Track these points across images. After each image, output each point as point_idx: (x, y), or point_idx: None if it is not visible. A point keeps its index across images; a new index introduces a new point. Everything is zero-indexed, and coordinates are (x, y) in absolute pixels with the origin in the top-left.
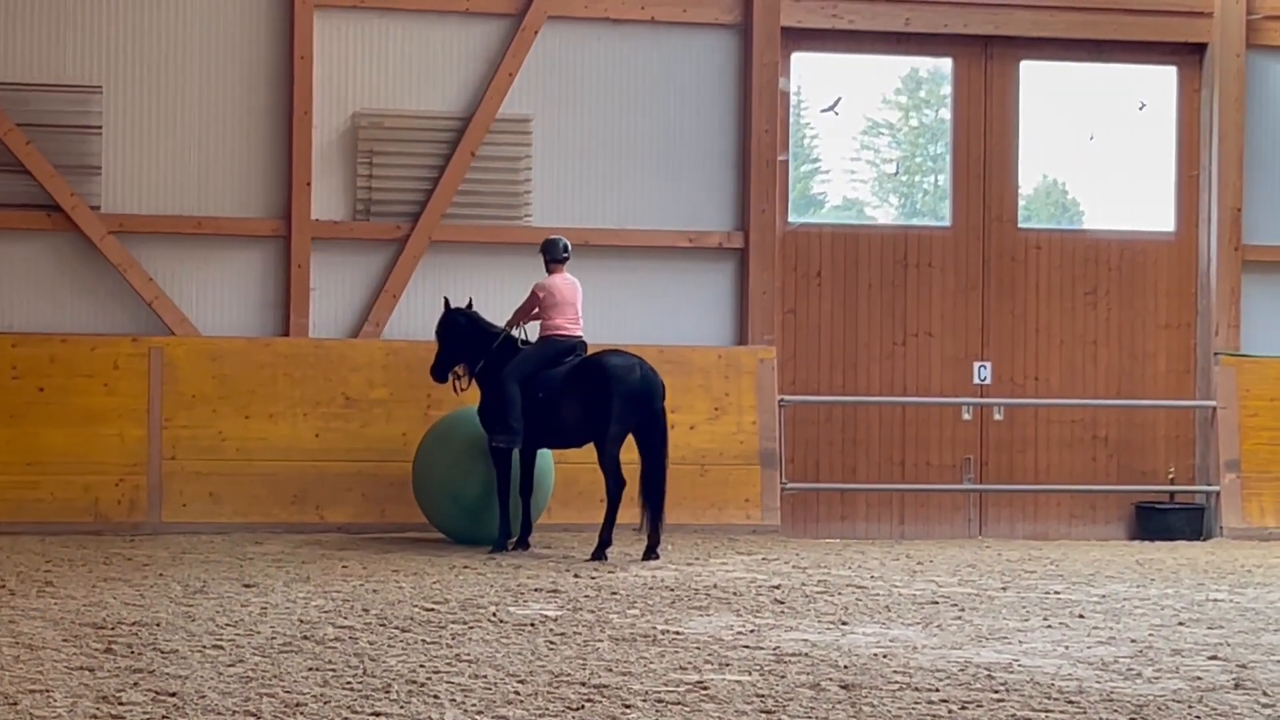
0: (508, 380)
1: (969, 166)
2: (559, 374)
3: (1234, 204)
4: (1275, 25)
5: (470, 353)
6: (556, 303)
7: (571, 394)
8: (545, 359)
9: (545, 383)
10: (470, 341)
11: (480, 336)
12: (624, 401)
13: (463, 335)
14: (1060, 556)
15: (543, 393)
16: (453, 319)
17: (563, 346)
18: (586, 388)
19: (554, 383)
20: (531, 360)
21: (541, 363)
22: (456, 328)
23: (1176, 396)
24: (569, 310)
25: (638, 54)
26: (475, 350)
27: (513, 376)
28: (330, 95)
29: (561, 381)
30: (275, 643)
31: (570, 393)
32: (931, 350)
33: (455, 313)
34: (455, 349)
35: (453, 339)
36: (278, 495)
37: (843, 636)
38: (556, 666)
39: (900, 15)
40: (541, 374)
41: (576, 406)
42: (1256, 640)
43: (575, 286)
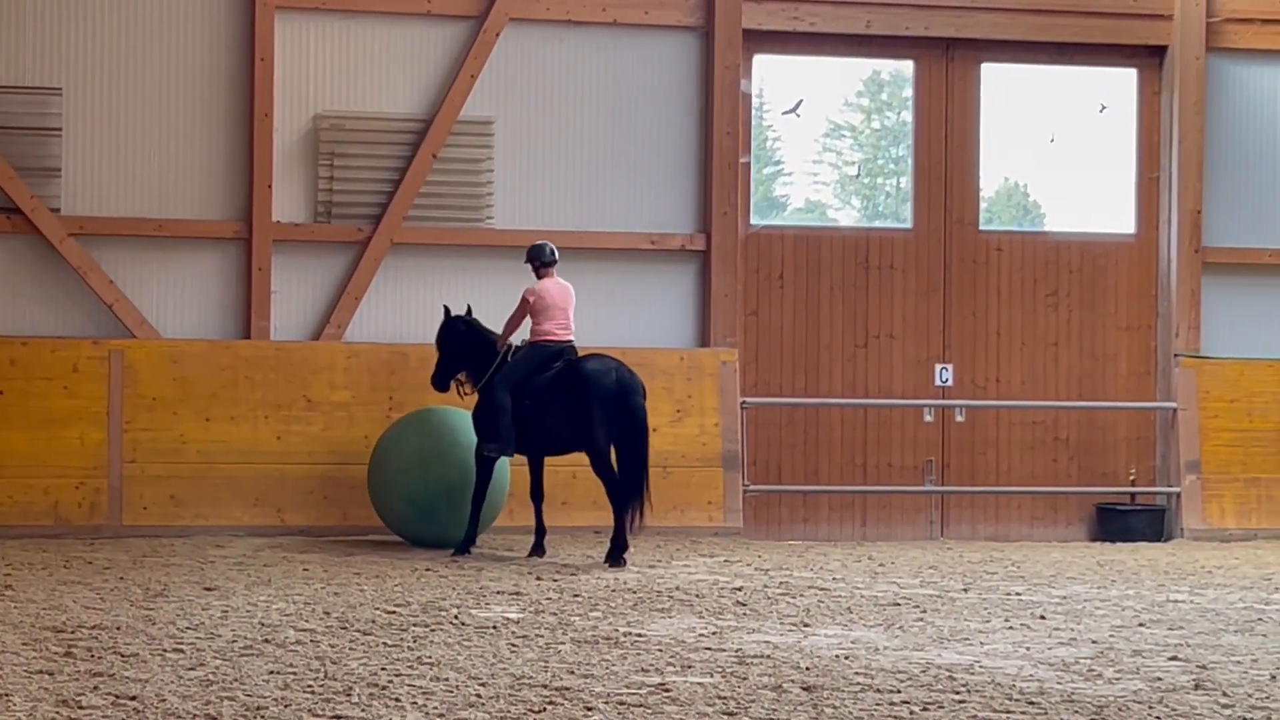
0: (497, 388)
1: (930, 169)
2: (544, 380)
3: (1194, 206)
4: (1235, 28)
5: (470, 361)
6: (546, 307)
7: (555, 401)
8: (533, 365)
9: (532, 390)
10: (470, 349)
11: (480, 344)
12: (602, 406)
13: (462, 343)
14: (1021, 558)
15: (529, 399)
16: (452, 327)
17: (550, 352)
18: (568, 394)
19: (540, 389)
20: (520, 367)
21: (529, 369)
22: (456, 335)
23: (1137, 398)
24: (559, 315)
25: (599, 56)
26: (475, 358)
27: (502, 384)
28: (291, 97)
29: (546, 388)
30: (236, 646)
31: (554, 399)
32: (893, 352)
33: (455, 320)
34: (455, 357)
35: (452, 347)
36: (239, 498)
37: (805, 638)
38: (518, 669)
39: (861, 18)
40: (530, 380)
41: (561, 413)
42: (1217, 641)
43: (567, 291)
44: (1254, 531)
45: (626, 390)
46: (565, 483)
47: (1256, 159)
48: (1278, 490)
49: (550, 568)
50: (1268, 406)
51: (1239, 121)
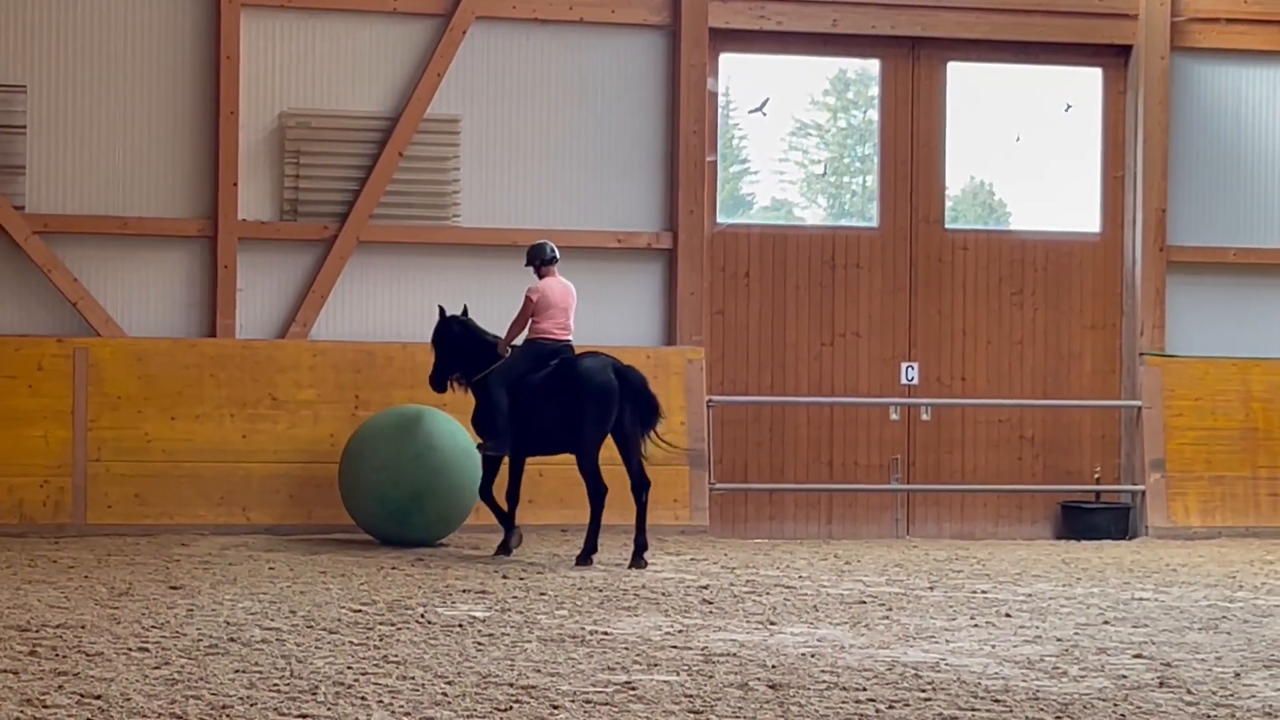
0: (494, 386)
1: (896, 167)
2: (539, 379)
3: (1159, 205)
4: (1199, 28)
5: (465, 362)
6: (547, 306)
7: (549, 399)
8: (530, 363)
9: (528, 388)
10: (465, 350)
11: (476, 346)
12: (596, 405)
13: (456, 344)
14: (987, 556)
15: (524, 398)
16: (446, 328)
17: (547, 350)
18: (562, 392)
19: (534, 388)
20: (516, 365)
21: (526, 367)
22: (450, 336)
23: (1102, 397)
24: (558, 314)
25: (566, 55)
26: (470, 359)
27: (499, 382)
28: (257, 95)
29: (540, 386)
30: (201, 645)
31: (548, 398)
32: (859, 351)
33: (449, 321)
34: (450, 358)
35: (447, 348)
36: (204, 496)
37: (770, 636)
38: (484, 667)
39: (828, 16)
40: (526, 379)
41: (555, 411)
42: (1181, 639)
43: (568, 290)
44: (1218, 529)
45: (630, 384)
46: (532, 481)
47: (1221, 158)
48: (1241, 488)
49: (516, 566)
50: (1231, 405)
51: (1204, 120)
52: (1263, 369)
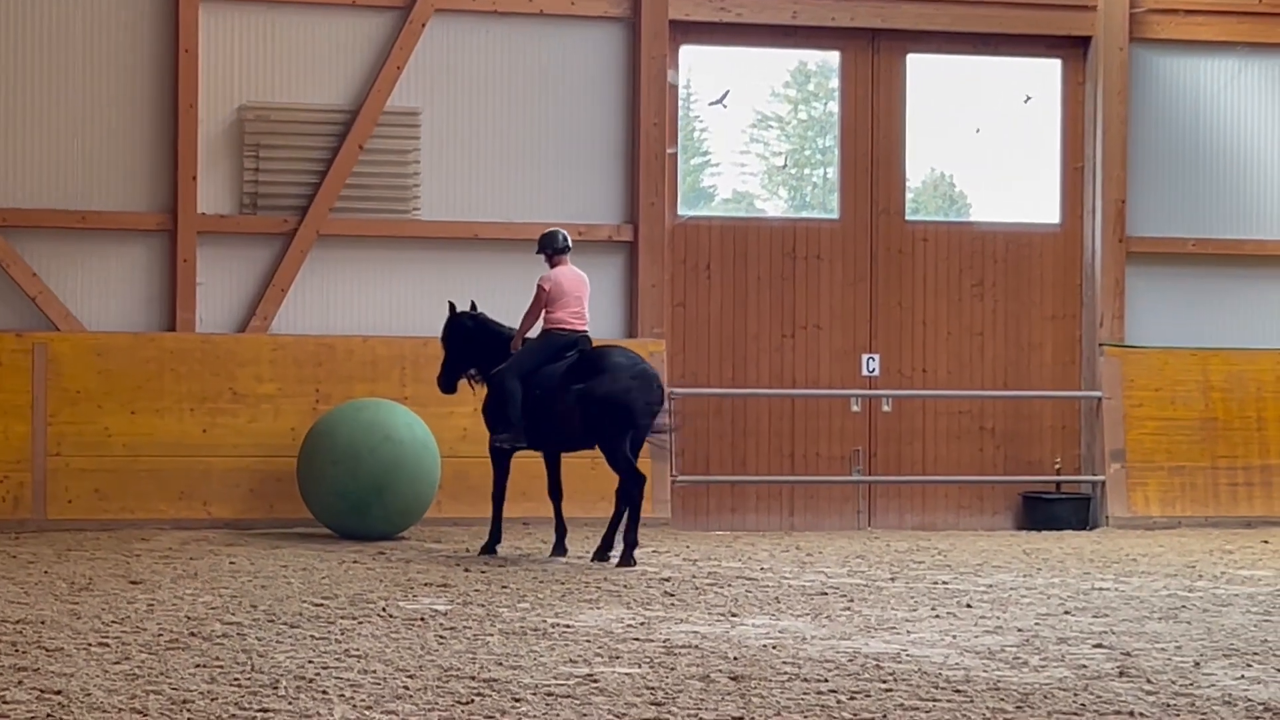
0: (507, 377)
1: (857, 159)
2: (558, 370)
3: (1118, 196)
4: (1158, 18)
5: (483, 358)
6: (560, 295)
7: (569, 391)
8: (545, 355)
9: (544, 380)
10: (481, 346)
11: (491, 339)
12: (621, 399)
13: (470, 340)
14: (948, 547)
15: (540, 390)
16: (459, 324)
17: (563, 341)
18: (590, 387)
19: (552, 380)
20: (531, 356)
21: (541, 359)
22: (463, 332)
23: (1062, 387)
24: (572, 303)
25: (526, 47)
26: (487, 354)
27: (512, 373)
28: (216, 88)
29: (560, 378)
30: (162, 640)
31: (567, 390)
32: (820, 342)
33: (461, 316)
34: (464, 355)
35: (461, 345)
36: (164, 491)
37: (732, 628)
38: (446, 661)
39: (787, 8)
40: (541, 371)
41: (575, 406)
42: (1141, 628)
43: (581, 279)
44: (1178, 519)
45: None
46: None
47: (1180, 149)
48: (1201, 478)
49: (478, 560)
50: (1191, 395)
51: (1162, 111)
52: (1222, 359)
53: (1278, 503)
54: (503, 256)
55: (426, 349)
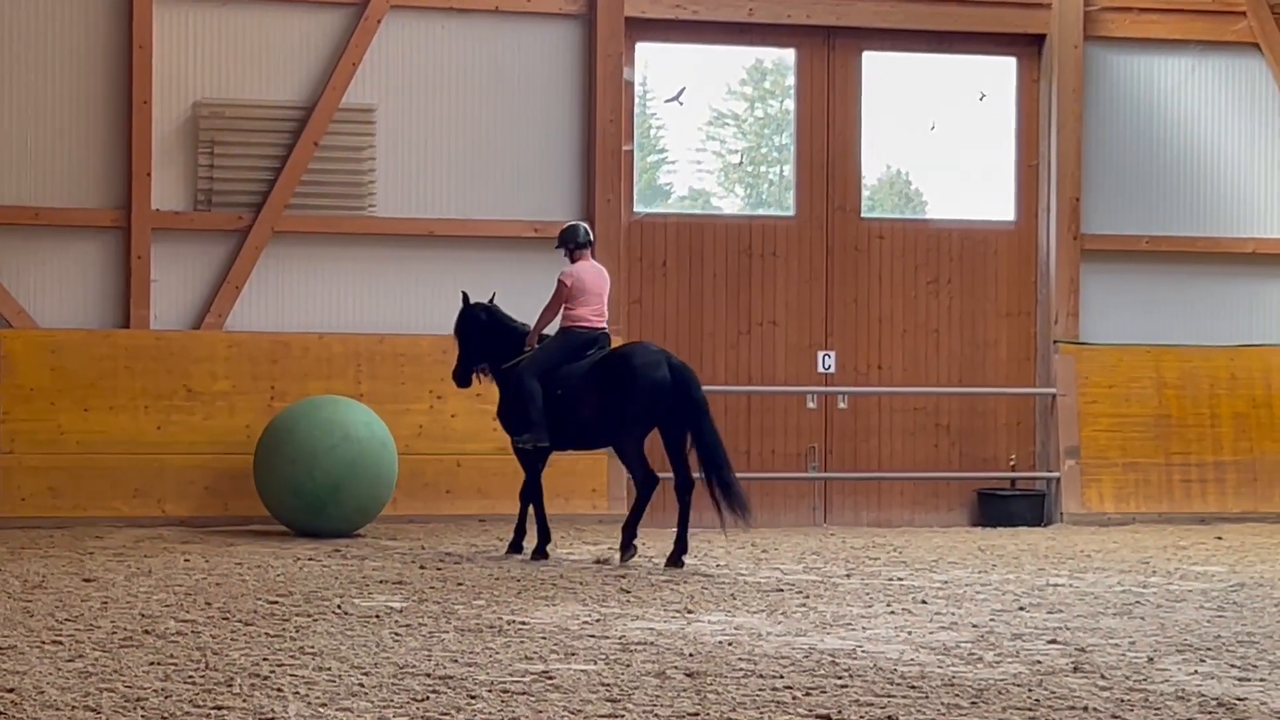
0: (525, 376)
1: (813, 157)
2: (579, 369)
3: (1073, 194)
4: (1112, 16)
5: (494, 352)
6: (581, 291)
7: (592, 391)
8: (565, 353)
9: (564, 379)
10: (494, 339)
11: (503, 334)
12: (654, 401)
13: (483, 333)
14: (903, 543)
15: (561, 389)
16: (472, 315)
17: (584, 339)
18: (609, 386)
19: (573, 379)
20: (550, 355)
21: (561, 357)
22: (476, 324)
23: (1017, 384)
24: (593, 300)
25: (482, 44)
26: (499, 349)
27: (531, 372)
28: (170, 84)
29: (581, 378)
30: (116, 637)
31: (591, 389)
32: (776, 339)
33: (475, 308)
34: (477, 348)
35: (474, 337)
36: (119, 488)
37: (688, 625)
38: (401, 658)
39: (743, 6)
40: (561, 369)
41: (599, 405)
42: (1095, 624)
43: (603, 275)
44: (1132, 515)
45: (685, 384)
46: (449, 471)
47: (1134, 146)
48: (1155, 474)
49: (433, 556)
50: (1145, 392)
51: (1117, 109)
52: (1175, 356)
53: (1231, 499)
54: (459, 253)
55: (382, 346)
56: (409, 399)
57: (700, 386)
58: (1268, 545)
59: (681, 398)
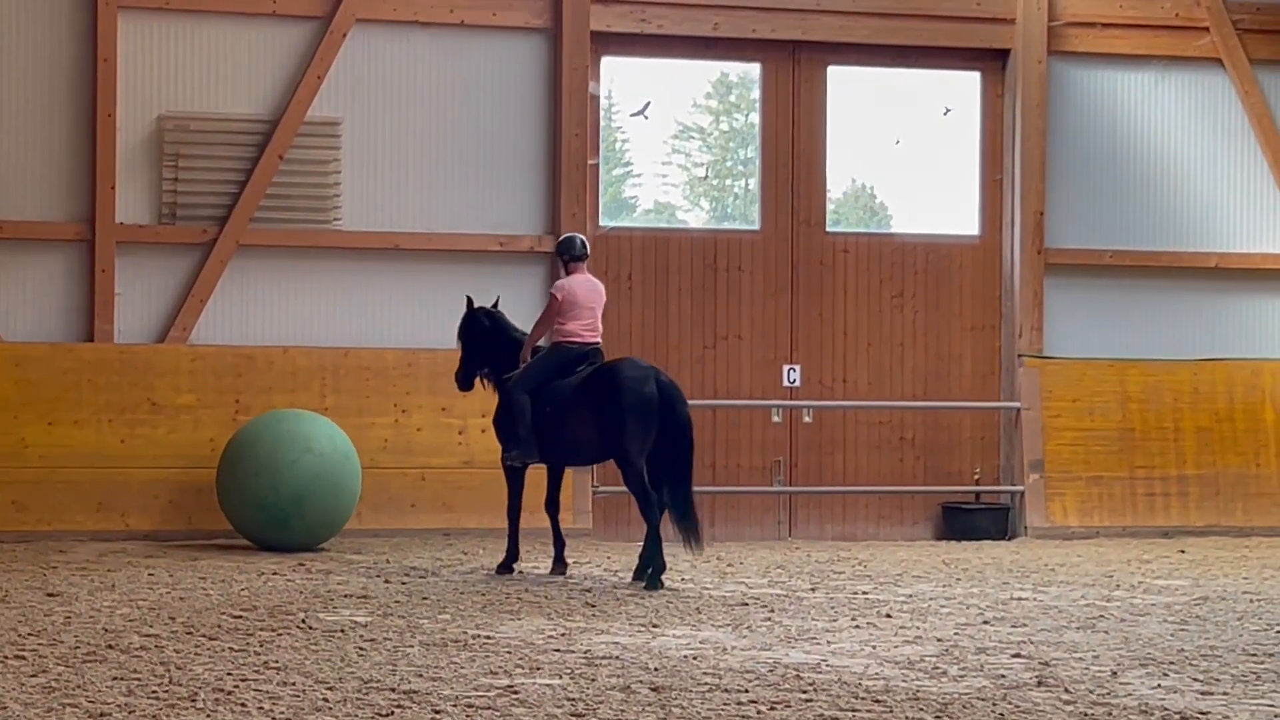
0: (515, 391)
1: (778, 171)
2: (569, 385)
3: (1036, 208)
4: (1076, 32)
5: (492, 359)
6: (573, 305)
7: (582, 407)
8: (556, 369)
9: (554, 395)
10: (495, 345)
11: (503, 342)
12: (640, 416)
13: (484, 338)
14: (868, 557)
15: (550, 406)
16: (474, 319)
17: (574, 355)
18: (599, 401)
19: (563, 395)
20: (541, 370)
21: (551, 373)
22: (478, 329)
23: (981, 398)
24: (585, 315)
25: (447, 57)
26: (498, 355)
27: (520, 387)
28: (134, 97)
29: (571, 394)
30: (79, 652)
31: (581, 406)
32: (741, 353)
33: (477, 313)
34: (478, 353)
35: (474, 342)
36: (82, 502)
37: (653, 639)
38: (366, 673)
39: (709, 20)
40: (551, 385)
41: (589, 420)
42: (1059, 638)
43: (597, 289)
44: (1096, 529)
45: (670, 400)
46: (414, 485)
47: (1097, 161)
48: (1119, 488)
49: (398, 570)
50: (1109, 406)
51: (1080, 124)
52: (1139, 370)
53: (1194, 512)
54: (424, 267)
55: (347, 359)
56: (374, 412)
57: (686, 405)
58: (1230, 559)
59: (667, 416)
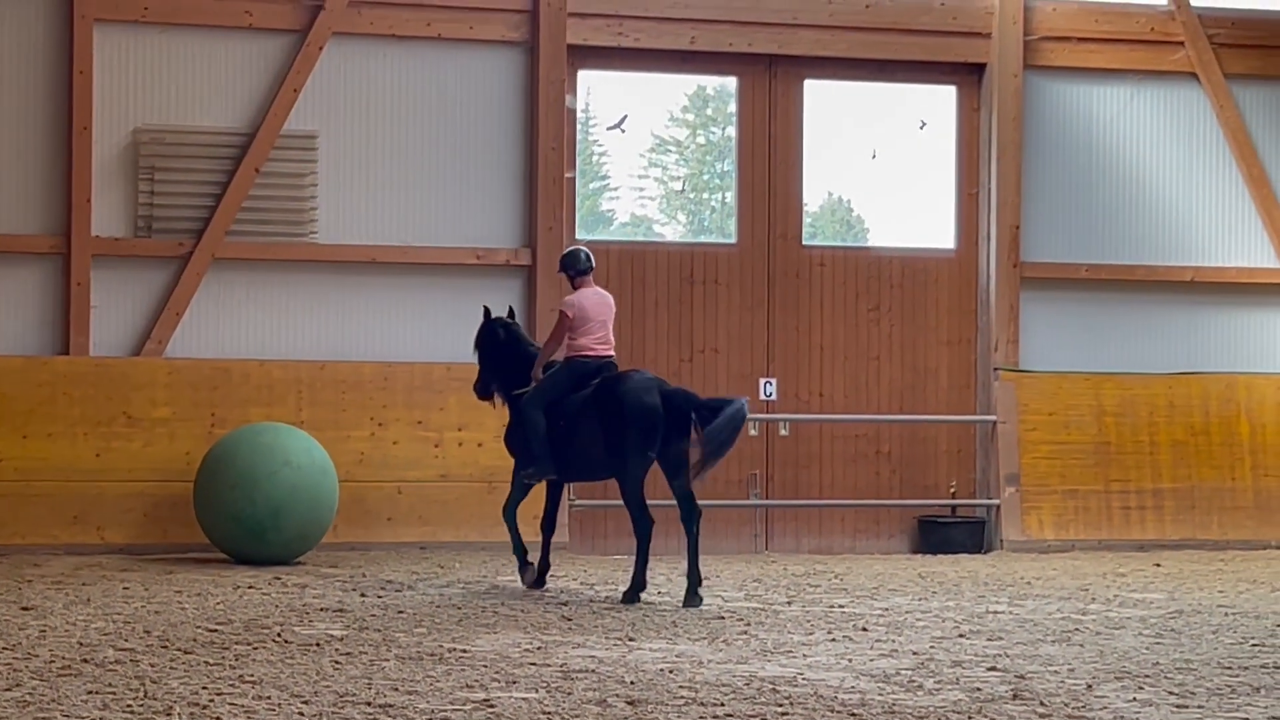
0: (528, 408)
1: (754, 184)
2: (580, 399)
3: (1012, 222)
4: (1052, 46)
5: (505, 372)
6: (584, 320)
7: (590, 421)
8: (570, 384)
9: (567, 409)
10: (505, 359)
11: (517, 355)
12: (641, 430)
13: (498, 350)
14: (844, 570)
15: (564, 421)
16: (490, 332)
17: (587, 369)
18: (603, 414)
19: (574, 409)
20: (555, 385)
21: (565, 388)
22: (493, 341)
23: (957, 412)
24: (596, 329)
25: (424, 71)
26: (510, 370)
27: (534, 403)
28: (110, 110)
29: (580, 408)
30: (54, 666)
31: (589, 420)
32: (718, 366)
33: (494, 323)
34: (493, 366)
35: (490, 354)
36: (57, 516)
37: (629, 652)
38: (342, 686)
39: (685, 34)
40: (564, 400)
41: (597, 435)
42: (1035, 651)
43: (606, 302)
44: (1071, 542)
45: (680, 410)
46: (390, 498)
47: (1073, 175)
48: (1095, 502)
49: (374, 584)
50: (1084, 419)
51: (1056, 138)
52: (1115, 383)
53: (1169, 526)
54: (401, 280)
55: (323, 373)
56: (350, 426)
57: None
58: (1206, 572)
59: (675, 425)
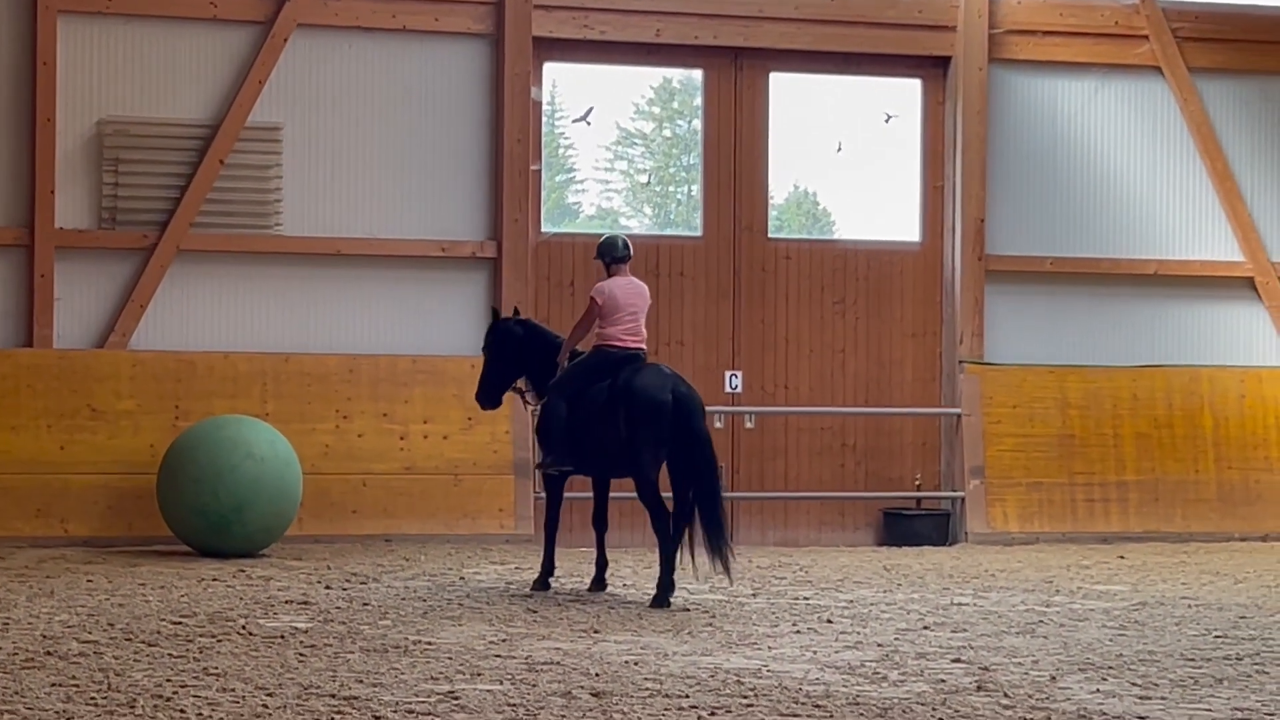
0: (553, 397)
1: (720, 177)
2: (601, 391)
3: (977, 215)
4: (1017, 39)
5: (532, 367)
6: (614, 309)
7: (610, 415)
8: (596, 374)
9: (589, 401)
10: (533, 354)
11: (546, 346)
12: (652, 427)
13: (523, 347)
14: (810, 563)
15: (585, 412)
16: (507, 331)
17: (613, 360)
18: (620, 409)
19: (598, 402)
20: (580, 375)
21: (590, 378)
22: (513, 340)
23: (922, 404)
24: (626, 319)
25: (389, 62)
26: (539, 363)
27: (558, 393)
28: (74, 101)
29: (602, 401)
30: (17, 659)
31: (608, 414)
32: (684, 359)
33: (508, 323)
34: (514, 363)
35: (513, 354)
36: (20, 508)
37: (594, 645)
38: (306, 679)
39: (651, 26)
40: (588, 391)
41: (615, 429)
42: (999, 643)
43: (640, 291)
44: (1036, 534)
45: (685, 410)
46: (355, 491)
47: (1038, 168)
48: (1059, 494)
49: (339, 576)
50: (1049, 412)
51: (1021, 131)
52: (1079, 376)
53: (1133, 518)
54: (366, 272)
55: (288, 365)
56: (315, 418)
57: (703, 417)
58: (1169, 564)
59: (681, 426)
